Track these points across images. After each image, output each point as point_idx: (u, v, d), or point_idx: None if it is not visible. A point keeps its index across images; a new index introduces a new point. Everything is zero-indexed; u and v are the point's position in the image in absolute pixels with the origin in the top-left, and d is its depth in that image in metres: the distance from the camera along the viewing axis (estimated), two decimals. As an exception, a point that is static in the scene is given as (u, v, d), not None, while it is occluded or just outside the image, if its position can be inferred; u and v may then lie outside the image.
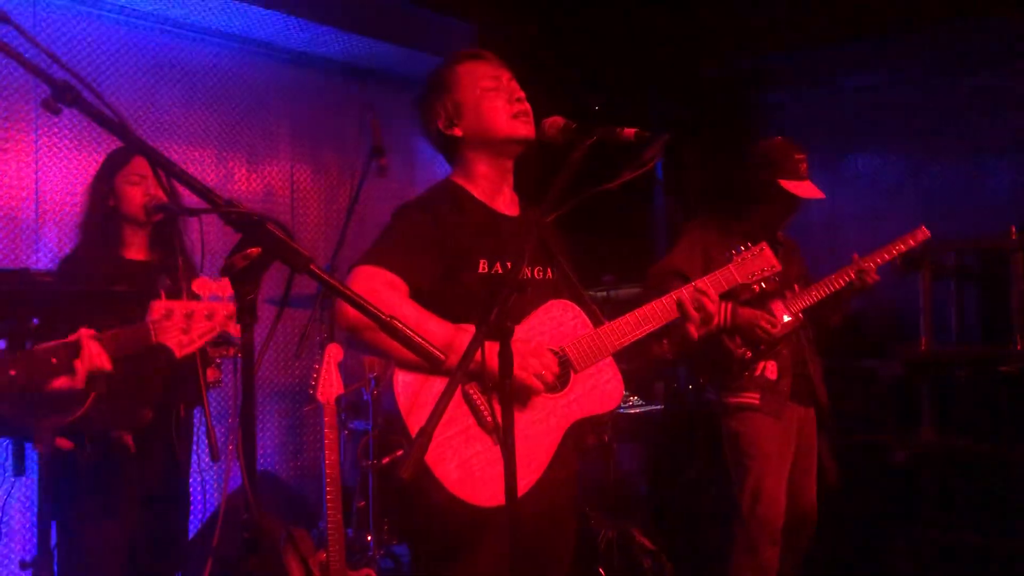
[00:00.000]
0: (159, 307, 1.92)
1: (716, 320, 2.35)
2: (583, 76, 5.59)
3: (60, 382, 1.86)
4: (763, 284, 2.51)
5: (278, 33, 5.04)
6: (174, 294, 1.95)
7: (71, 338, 1.87)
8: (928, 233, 3.56)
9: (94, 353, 1.87)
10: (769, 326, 3.39)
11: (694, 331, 2.30)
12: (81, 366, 1.85)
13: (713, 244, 3.48)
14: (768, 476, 3.41)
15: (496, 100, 2.27)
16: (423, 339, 1.50)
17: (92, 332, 1.89)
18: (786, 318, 3.45)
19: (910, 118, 5.74)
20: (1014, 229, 4.18)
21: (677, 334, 2.35)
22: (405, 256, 2.15)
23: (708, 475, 4.88)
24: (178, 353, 1.94)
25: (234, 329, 1.98)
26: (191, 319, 1.94)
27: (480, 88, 2.28)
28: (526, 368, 2.07)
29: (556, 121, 2.20)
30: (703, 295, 2.30)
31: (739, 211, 3.63)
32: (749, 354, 3.47)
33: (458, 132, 2.31)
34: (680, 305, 2.29)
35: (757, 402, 3.44)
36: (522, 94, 2.30)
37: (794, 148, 3.55)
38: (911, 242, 3.56)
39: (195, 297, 1.94)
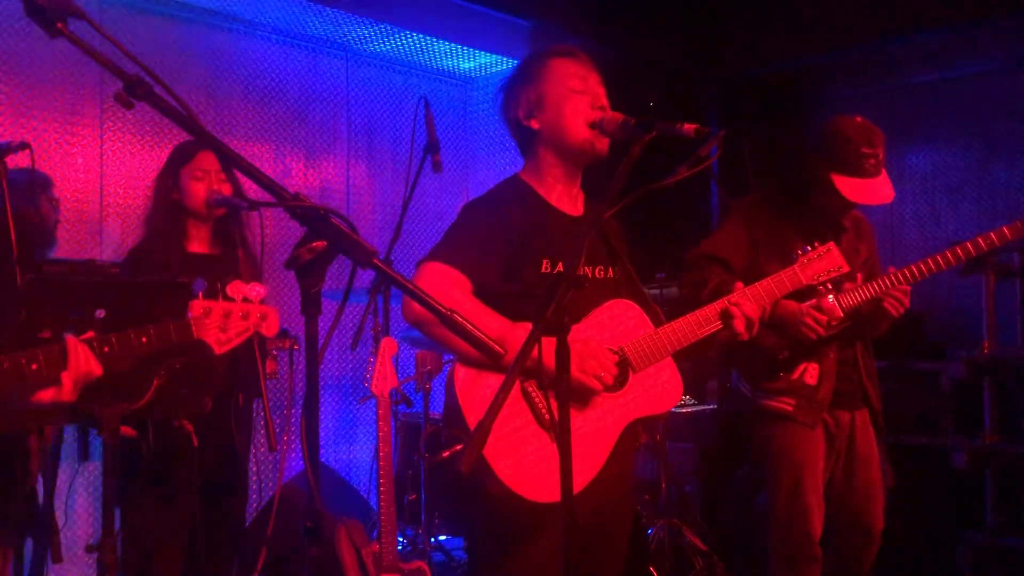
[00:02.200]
0: (198, 306, 1.96)
1: (757, 325, 2.32)
2: (639, 71, 5.56)
3: (45, 394, 1.75)
4: (829, 285, 2.46)
5: (335, 30, 5.10)
6: (211, 294, 1.99)
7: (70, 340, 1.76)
8: None
9: (81, 360, 1.78)
10: (815, 323, 2.90)
11: (742, 332, 2.29)
12: (68, 377, 1.75)
13: (763, 230, 3.12)
14: (805, 488, 3.07)
15: (579, 103, 2.25)
16: (482, 332, 1.50)
17: (80, 337, 1.80)
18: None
19: (971, 115, 5.61)
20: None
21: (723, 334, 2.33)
22: (470, 254, 2.17)
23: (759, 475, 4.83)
24: (217, 350, 1.99)
25: (266, 330, 2.04)
26: (228, 318, 1.99)
27: (566, 87, 2.26)
28: (585, 368, 2.08)
29: (615, 117, 2.20)
30: (736, 307, 2.27)
31: (794, 195, 3.20)
32: (787, 353, 3.09)
33: (535, 125, 2.29)
34: (723, 314, 2.28)
35: (791, 409, 3.07)
36: (605, 102, 2.27)
37: (863, 138, 3.00)
38: (1008, 235, 3.05)
39: (230, 300, 1.99)
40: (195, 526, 2.98)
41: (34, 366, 1.73)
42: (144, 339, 1.88)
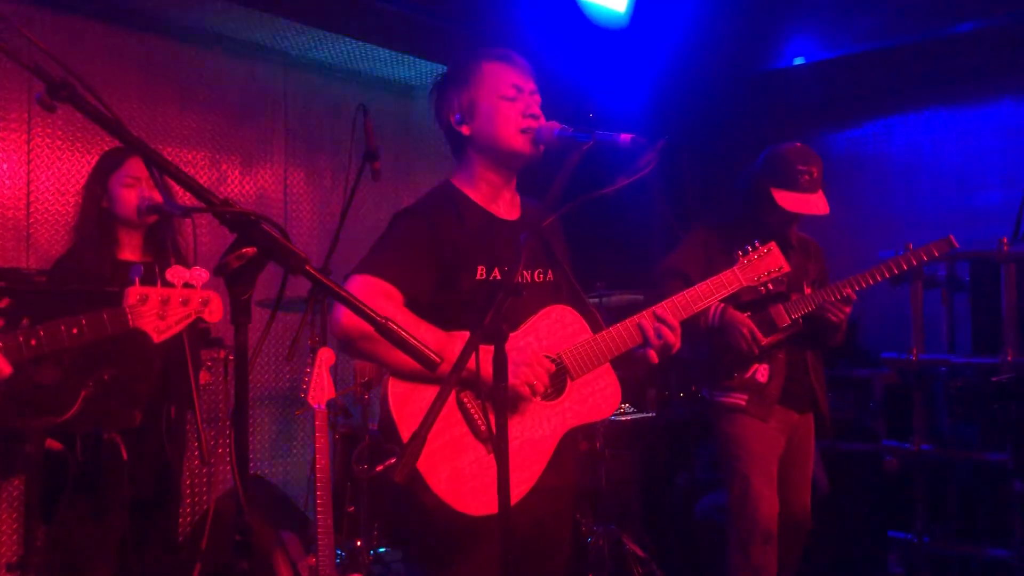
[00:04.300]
0: (134, 292, 1.90)
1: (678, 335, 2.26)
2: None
3: None
4: (770, 285, 2.49)
5: (272, 36, 5.03)
6: (148, 281, 1.94)
7: None
8: (956, 244, 3.41)
9: None
10: (749, 334, 3.30)
11: (654, 356, 2.20)
12: None
13: (714, 245, 3.43)
14: (755, 476, 3.38)
15: (510, 111, 2.22)
16: (418, 341, 1.48)
17: None
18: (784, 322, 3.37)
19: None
20: (1005, 240, 4.18)
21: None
22: (400, 265, 2.13)
23: (700, 482, 4.88)
24: (156, 338, 1.93)
25: (209, 316, 1.98)
26: (167, 305, 1.93)
27: (498, 94, 2.23)
28: (517, 376, 2.04)
29: (552, 126, 2.20)
30: (662, 323, 2.20)
31: (742, 214, 3.56)
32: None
33: (467, 131, 2.26)
34: (640, 330, 2.20)
35: (744, 404, 3.41)
36: (538, 111, 2.24)
37: (800, 158, 3.40)
38: (935, 252, 3.40)
39: (169, 285, 1.93)
40: (126, 542, 2.90)
41: None
42: (75, 330, 1.80)
